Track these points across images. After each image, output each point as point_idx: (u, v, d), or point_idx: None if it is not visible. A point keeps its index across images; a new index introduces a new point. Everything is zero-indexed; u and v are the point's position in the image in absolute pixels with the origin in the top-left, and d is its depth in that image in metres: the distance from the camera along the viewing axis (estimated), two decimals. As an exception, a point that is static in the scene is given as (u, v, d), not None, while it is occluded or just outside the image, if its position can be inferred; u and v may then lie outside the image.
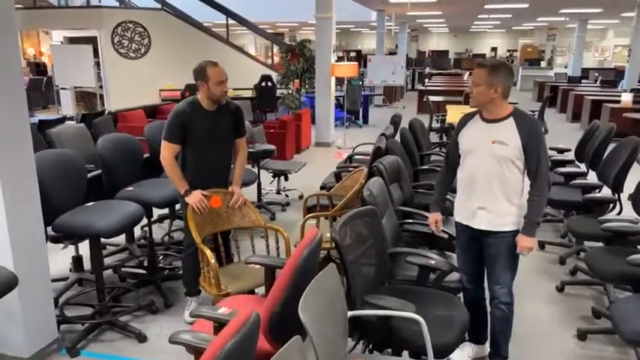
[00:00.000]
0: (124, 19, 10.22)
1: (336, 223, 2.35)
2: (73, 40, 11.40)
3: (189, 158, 3.12)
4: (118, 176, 3.56)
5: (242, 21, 12.53)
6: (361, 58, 22.45)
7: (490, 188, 2.57)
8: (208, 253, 2.72)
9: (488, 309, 2.77)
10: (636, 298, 2.57)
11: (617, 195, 4.06)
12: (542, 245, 4.56)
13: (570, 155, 5.36)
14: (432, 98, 9.83)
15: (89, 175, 3.50)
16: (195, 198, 2.98)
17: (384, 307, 2.15)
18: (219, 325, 1.96)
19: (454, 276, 2.82)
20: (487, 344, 2.91)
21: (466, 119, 2.73)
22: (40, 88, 13.43)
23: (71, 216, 2.93)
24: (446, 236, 3.13)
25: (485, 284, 2.81)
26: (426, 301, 2.50)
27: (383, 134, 4.61)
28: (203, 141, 3.09)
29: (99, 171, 3.59)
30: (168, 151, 3.03)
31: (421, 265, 2.67)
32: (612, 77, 15.80)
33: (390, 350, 2.39)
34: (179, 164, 3.11)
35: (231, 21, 12.40)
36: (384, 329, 2.22)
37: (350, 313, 2.11)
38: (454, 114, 8.01)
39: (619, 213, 4.04)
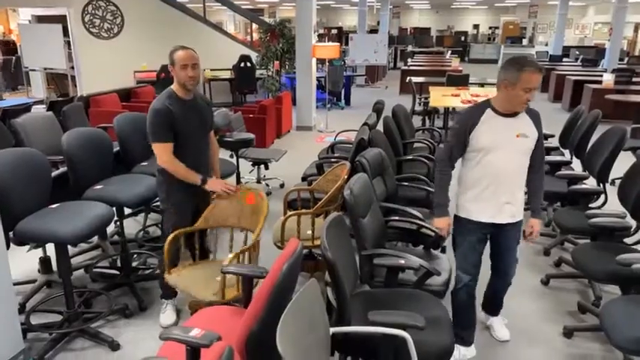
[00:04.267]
0: (94, -3, 9.74)
1: (323, 227, 2.20)
2: (41, 19, 10.88)
3: (181, 153, 2.93)
4: (86, 174, 3.34)
5: (219, -2, 12.12)
6: (342, 35, 22.08)
7: (515, 182, 2.63)
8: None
9: (478, 309, 2.87)
10: (625, 300, 2.50)
11: (602, 185, 4.00)
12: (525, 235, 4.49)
13: (554, 141, 5.29)
14: (415, 79, 9.65)
15: (55, 172, 3.29)
16: (218, 184, 2.94)
17: (392, 325, 2.02)
18: (192, 348, 1.82)
19: (437, 280, 2.69)
20: (473, 346, 2.85)
21: (475, 115, 2.58)
22: (10, 68, 12.87)
23: (34, 221, 2.72)
24: (433, 234, 3.03)
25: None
26: (403, 304, 2.41)
27: (366, 123, 4.45)
28: (194, 132, 2.97)
29: (65, 168, 3.37)
30: (165, 152, 2.86)
31: (388, 266, 2.57)
32: (593, 55, 15.79)
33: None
34: None
35: (208, -2, 11.97)
36: (390, 347, 2.08)
37: (332, 330, 2.00)
38: (437, 96, 7.89)
39: (604, 203, 3.99)
